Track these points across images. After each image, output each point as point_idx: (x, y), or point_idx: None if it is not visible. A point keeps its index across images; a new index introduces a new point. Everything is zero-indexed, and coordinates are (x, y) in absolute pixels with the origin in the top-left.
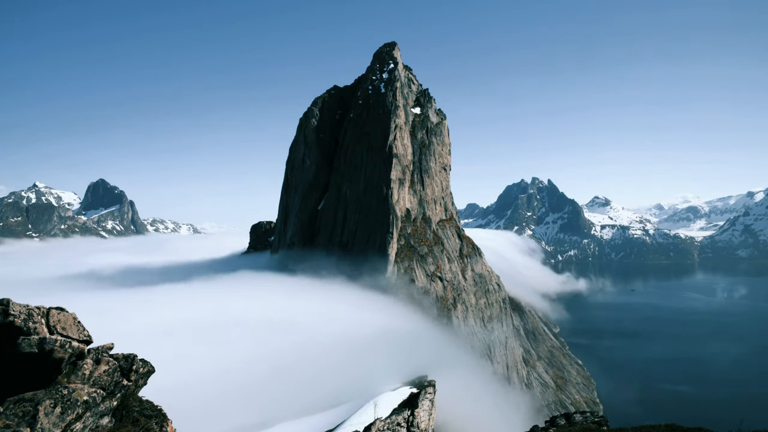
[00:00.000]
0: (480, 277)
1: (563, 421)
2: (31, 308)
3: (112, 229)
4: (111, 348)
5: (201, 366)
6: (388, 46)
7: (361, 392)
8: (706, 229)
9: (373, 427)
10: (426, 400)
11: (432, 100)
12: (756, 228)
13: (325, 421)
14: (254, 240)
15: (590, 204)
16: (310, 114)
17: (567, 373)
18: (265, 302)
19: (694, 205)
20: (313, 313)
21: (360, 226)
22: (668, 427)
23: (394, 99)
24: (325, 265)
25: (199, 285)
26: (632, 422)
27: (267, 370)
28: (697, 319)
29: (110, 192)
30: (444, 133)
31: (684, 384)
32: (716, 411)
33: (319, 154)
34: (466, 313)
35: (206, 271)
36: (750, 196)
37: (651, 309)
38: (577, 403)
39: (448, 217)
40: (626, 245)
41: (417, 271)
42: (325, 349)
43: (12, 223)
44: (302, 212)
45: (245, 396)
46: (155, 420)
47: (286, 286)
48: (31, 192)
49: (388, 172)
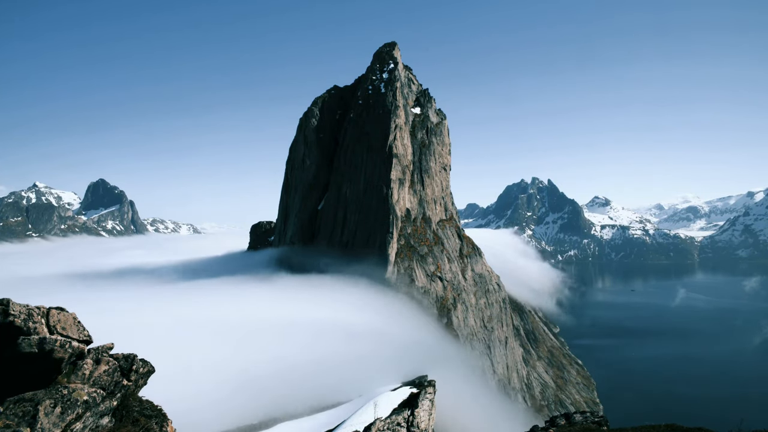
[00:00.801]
0: (480, 277)
1: (563, 421)
2: (31, 308)
3: (112, 229)
4: (111, 348)
5: (201, 366)
6: (388, 46)
7: (361, 392)
8: (706, 229)
9: (373, 427)
10: (426, 400)
11: (432, 100)
12: (756, 228)
13: (325, 421)
14: (254, 240)
15: (590, 204)
16: (310, 114)
17: (567, 373)
18: (265, 302)
19: (694, 205)
20: (313, 313)
21: (360, 226)
22: (668, 427)
23: (394, 99)
24: (324, 264)
25: (199, 286)
26: (632, 422)
27: (267, 371)
28: (697, 319)
29: (110, 192)
30: (444, 133)
31: (684, 384)
32: (716, 411)
33: (319, 154)
34: (466, 313)
35: (206, 271)
36: (750, 196)
37: (651, 309)
38: (577, 403)
39: (448, 217)
40: (626, 245)
41: (417, 271)
42: (325, 349)
43: (12, 223)
44: (302, 212)
45: (245, 396)
46: (155, 420)
47: (286, 287)
48: (31, 192)
49: (388, 172)
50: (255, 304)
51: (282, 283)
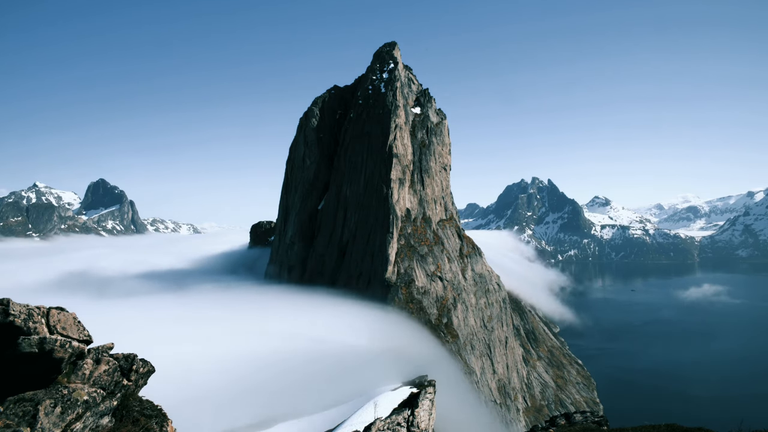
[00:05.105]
0: (480, 277)
1: (563, 421)
2: (31, 308)
3: (112, 228)
4: (111, 348)
5: (201, 366)
6: (388, 45)
7: (361, 392)
8: (706, 229)
9: (373, 427)
10: (426, 399)
11: (432, 100)
12: (756, 228)
13: (325, 421)
14: (254, 240)
15: (590, 204)
16: (311, 114)
17: (567, 372)
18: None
19: (694, 205)
20: (313, 313)
21: (360, 226)
22: (668, 427)
23: (394, 99)
24: (324, 264)
25: (199, 286)
26: (632, 422)
27: (267, 371)
28: (697, 319)
29: (110, 192)
30: (444, 133)
31: (684, 384)
32: (716, 411)
33: (319, 153)
34: (466, 312)
35: (206, 272)
36: (750, 196)
37: (651, 309)
38: (577, 403)
39: (448, 216)
40: (626, 245)
41: (417, 271)
42: (325, 349)
43: (12, 222)
44: (302, 212)
45: (245, 396)
46: (155, 420)
47: (287, 291)
48: (31, 192)
49: (388, 172)
50: (255, 305)
51: (282, 287)
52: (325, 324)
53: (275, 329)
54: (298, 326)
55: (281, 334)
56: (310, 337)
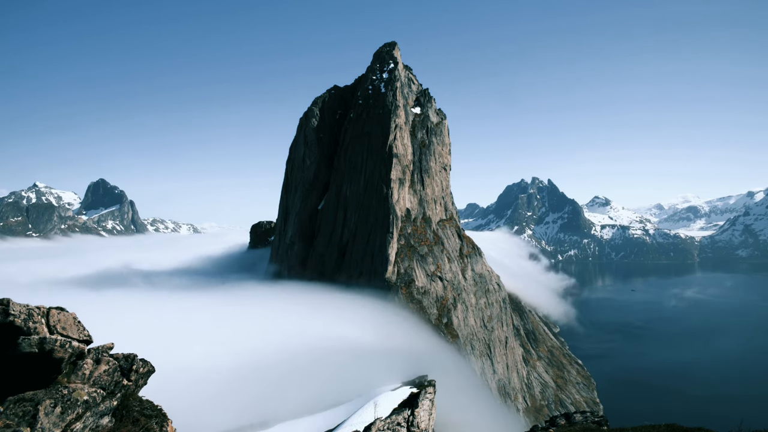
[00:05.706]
0: (480, 277)
1: (563, 421)
2: (31, 308)
3: (113, 228)
4: (111, 348)
5: (201, 366)
6: (388, 46)
7: (361, 392)
8: (706, 229)
9: (373, 427)
10: (426, 399)
11: (432, 100)
12: (756, 228)
13: (325, 421)
14: (254, 240)
15: (590, 204)
16: (311, 114)
17: (567, 372)
18: (265, 303)
19: (694, 205)
20: (312, 313)
21: (360, 226)
22: (668, 427)
23: (394, 99)
24: (324, 264)
25: (199, 286)
26: (632, 422)
27: (267, 371)
28: (697, 318)
29: (110, 192)
30: (444, 133)
31: (684, 384)
32: (716, 411)
33: (319, 153)
34: (466, 312)
35: (206, 272)
36: (750, 196)
37: (651, 309)
38: (577, 403)
39: (448, 216)
40: (626, 245)
41: (417, 271)
42: (325, 349)
43: (12, 222)
44: (302, 212)
45: (245, 396)
46: (155, 420)
47: (287, 291)
48: (31, 192)
49: (388, 172)
50: (254, 305)
51: (283, 287)
52: (325, 324)
53: (275, 329)
54: (298, 326)
55: (281, 334)
56: (310, 337)
